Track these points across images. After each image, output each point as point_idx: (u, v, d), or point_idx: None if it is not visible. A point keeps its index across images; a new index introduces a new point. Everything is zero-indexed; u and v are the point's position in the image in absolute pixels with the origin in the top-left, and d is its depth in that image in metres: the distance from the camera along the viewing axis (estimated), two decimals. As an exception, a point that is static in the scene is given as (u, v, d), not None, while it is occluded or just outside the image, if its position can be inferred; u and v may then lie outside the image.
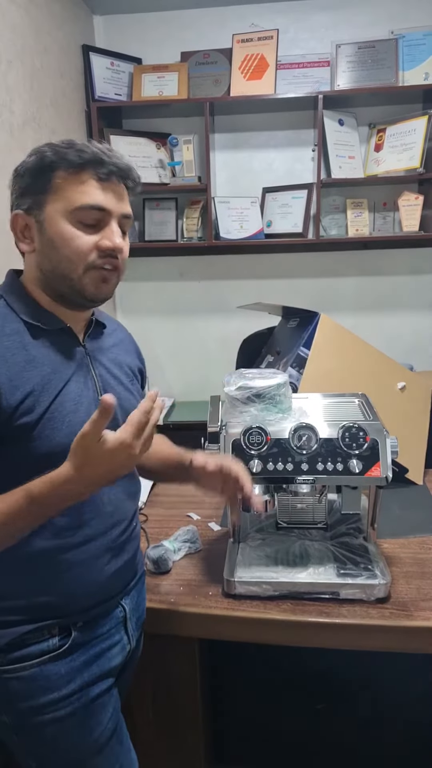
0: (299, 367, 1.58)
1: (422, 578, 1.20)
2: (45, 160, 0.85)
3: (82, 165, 0.85)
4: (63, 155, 0.85)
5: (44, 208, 0.86)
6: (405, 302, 2.80)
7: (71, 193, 0.85)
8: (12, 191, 0.89)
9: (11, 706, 0.91)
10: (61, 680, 0.91)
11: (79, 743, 0.94)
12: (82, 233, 0.86)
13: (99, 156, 0.86)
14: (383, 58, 2.47)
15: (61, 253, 0.86)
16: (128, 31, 2.65)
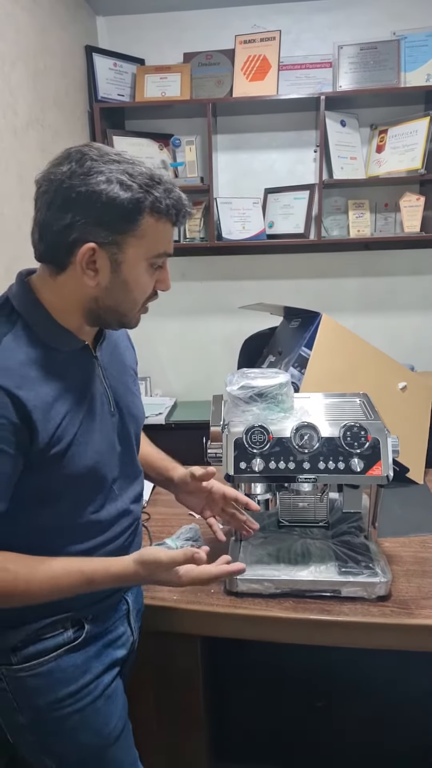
0: (301, 368, 1.58)
1: (423, 577, 1.21)
2: (137, 199, 0.80)
3: (168, 212, 0.83)
4: (155, 198, 0.81)
5: (125, 249, 0.82)
6: (406, 303, 2.80)
7: (154, 240, 0.83)
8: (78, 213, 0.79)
9: (29, 705, 0.91)
10: (78, 671, 0.93)
11: (97, 734, 0.96)
12: (149, 277, 0.87)
13: (182, 202, 0.85)
14: (385, 59, 2.48)
15: (131, 296, 0.86)
16: (131, 32, 2.66)
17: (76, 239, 0.80)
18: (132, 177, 0.80)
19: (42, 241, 0.83)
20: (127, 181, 0.79)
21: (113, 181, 0.79)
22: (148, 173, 0.82)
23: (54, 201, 0.80)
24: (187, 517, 1.49)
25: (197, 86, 2.59)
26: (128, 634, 1.03)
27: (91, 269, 0.82)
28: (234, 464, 1.12)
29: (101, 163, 0.80)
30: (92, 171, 0.79)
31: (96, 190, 0.78)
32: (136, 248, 0.83)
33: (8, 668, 0.90)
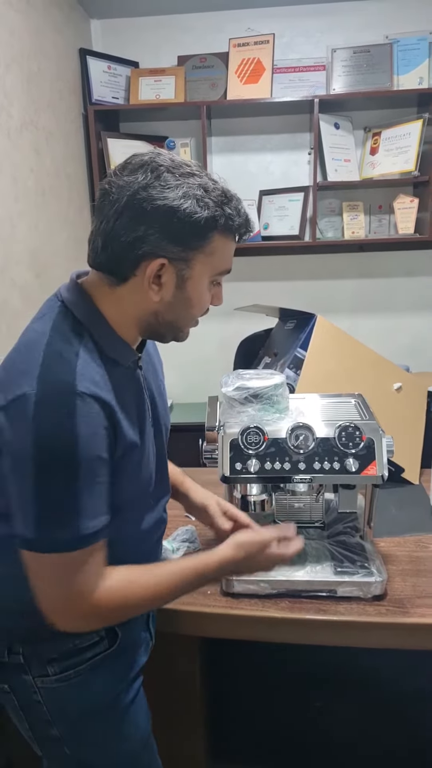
0: (296, 369, 1.59)
1: (418, 576, 1.22)
2: (213, 218, 0.78)
3: (238, 230, 0.84)
4: (228, 216, 0.80)
5: (193, 266, 0.81)
6: (401, 304, 2.82)
7: (221, 257, 0.83)
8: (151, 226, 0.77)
9: (64, 716, 0.91)
10: (112, 680, 0.93)
11: (130, 740, 0.96)
12: (209, 293, 0.87)
13: (249, 220, 0.85)
14: (378, 63, 2.50)
15: (191, 311, 0.87)
16: (125, 35, 2.67)
17: (146, 252, 0.78)
18: (207, 193, 0.79)
19: (105, 251, 0.80)
20: (204, 198, 0.78)
21: (191, 197, 0.77)
22: (221, 189, 0.81)
23: (125, 211, 0.77)
24: (184, 519, 1.50)
25: (191, 89, 2.60)
26: (148, 639, 1.04)
27: (155, 284, 0.81)
28: (230, 465, 1.12)
29: (177, 175, 0.78)
30: (169, 184, 0.77)
31: (173, 205, 0.76)
32: (204, 265, 0.82)
33: (44, 679, 0.89)
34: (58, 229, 2.22)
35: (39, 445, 0.73)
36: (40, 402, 0.73)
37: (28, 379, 0.74)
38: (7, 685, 0.91)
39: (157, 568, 0.88)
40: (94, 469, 0.77)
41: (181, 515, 1.50)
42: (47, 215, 2.14)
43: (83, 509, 0.76)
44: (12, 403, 0.74)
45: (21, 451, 0.74)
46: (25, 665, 0.88)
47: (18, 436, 0.74)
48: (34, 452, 0.73)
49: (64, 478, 0.74)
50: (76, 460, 0.74)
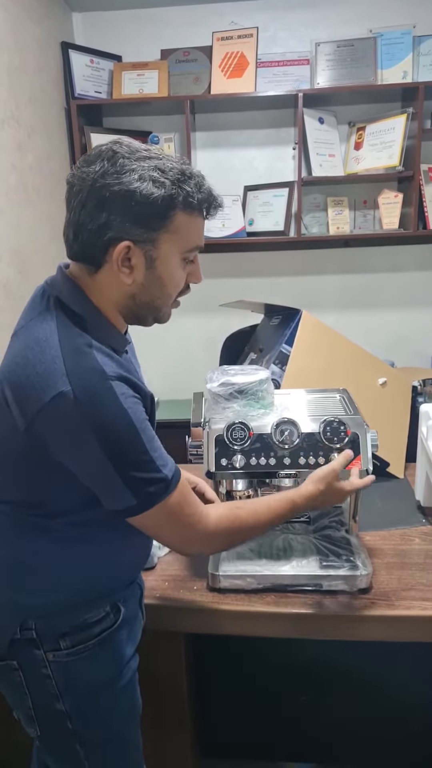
0: (282, 364, 1.59)
1: (403, 569, 1.23)
2: (170, 196, 0.81)
3: (200, 206, 0.85)
4: (187, 193, 0.83)
5: (159, 246, 0.84)
6: (386, 299, 2.83)
7: (187, 234, 0.86)
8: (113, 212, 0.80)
9: (72, 690, 0.93)
10: (116, 654, 0.96)
11: (128, 716, 1.00)
12: (182, 272, 0.89)
13: (213, 194, 0.87)
14: (362, 57, 2.50)
15: (165, 290, 0.89)
16: (107, 29, 2.64)
17: (112, 238, 0.82)
18: (164, 173, 0.81)
19: (76, 240, 0.84)
20: (160, 178, 0.81)
21: (146, 179, 0.80)
22: (179, 168, 0.83)
23: (88, 201, 0.81)
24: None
25: (175, 83, 2.58)
26: (140, 617, 1.06)
27: (126, 267, 0.84)
28: (215, 461, 1.12)
29: (132, 160, 0.81)
30: (125, 169, 0.80)
31: (130, 189, 0.80)
32: (170, 243, 0.85)
33: (56, 654, 0.91)
34: (41, 225, 2.20)
35: (99, 429, 0.79)
36: (81, 394, 0.79)
37: (59, 378, 0.79)
38: (15, 661, 0.93)
39: (256, 500, 1.05)
40: (147, 430, 0.84)
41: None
42: (30, 212, 2.12)
43: (158, 460, 0.85)
44: (51, 403, 0.79)
45: (84, 441, 0.80)
46: (37, 640, 0.91)
47: (73, 430, 0.80)
48: (98, 437, 0.79)
49: (133, 444, 0.82)
50: (133, 426, 0.81)
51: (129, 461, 0.82)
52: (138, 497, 0.84)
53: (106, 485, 0.84)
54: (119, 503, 0.84)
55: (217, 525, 0.93)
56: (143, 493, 0.84)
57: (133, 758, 1.04)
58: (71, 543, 0.91)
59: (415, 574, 1.21)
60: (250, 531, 0.99)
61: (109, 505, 0.86)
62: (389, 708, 1.40)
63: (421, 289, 2.80)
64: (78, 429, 0.79)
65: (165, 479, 0.85)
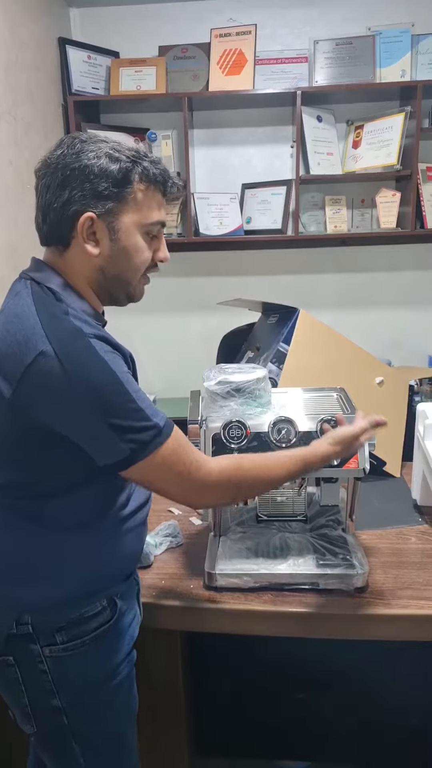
0: (279, 363, 1.59)
1: (399, 568, 1.23)
2: (126, 168, 0.87)
3: (156, 181, 0.91)
4: (144, 168, 0.89)
5: (120, 218, 0.89)
6: (383, 298, 2.83)
7: (147, 208, 0.91)
8: (74, 188, 0.86)
9: (68, 686, 0.93)
10: (113, 650, 0.96)
11: (124, 713, 1.00)
12: (147, 245, 0.93)
13: (168, 172, 0.92)
14: (360, 55, 2.49)
15: (131, 262, 0.92)
16: (105, 25, 2.63)
17: (76, 212, 0.87)
18: (119, 151, 0.88)
19: (45, 223, 0.90)
20: (115, 154, 0.87)
21: (102, 156, 0.87)
22: (135, 148, 0.90)
23: (52, 183, 0.88)
24: (166, 513, 1.49)
25: (173, 80, 2.57)
26: (137, 612, 1.07)
27: (92, 239, 0.89)
28: (212, 459, 1.11)
29: (90, 143, 0.88)
30: (83, 150, 0.87)
31: (88, 164, 0.86)
32: (130, 215, 0.89)
33: (52, 648, 0.91)
34: (38, 221, 2.18)
35: (83, 382, 0.81)
36: (62, 351, 0.81)
37: (39, 340, 0.82)
38: (11, 657, 0.93)
39: (264, 454, 1.03)
40: (131, 382, 0.86)
41: (163, 510, 1.50)
42: (27, 209, 2.11)
43: (147, 409, 0.86)
44: (33, 363, 0.81)
45: (68, 397, 0.81)
46: (34, 635, 0.91)
47: (58, 386, 0.81)
48: (83, 389, 0.81)
49: (118, 394, 0.83)
50: (116, 377, 0.83)
51: (117, 410, 0.83)
52: (130, 447, 0.84)
53: (96, 438, 0.84)
54: (112, 455, 0.84)
55: (221, 473, 0.92)
56: (135, 442, 0.84)
57: (129, 755, 1.04)
58: (66, 533, 0.92)
59: (411, 573, 1.21)
60: (256, 483, 0.98)
61: (102, 460, 0.85)
62: (386, 706, 1.40)
63: (419, 289, 2.80)
64: (63, 384, 0.81)
65: (156, 426, 0.86)
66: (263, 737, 1.50)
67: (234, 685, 1.44)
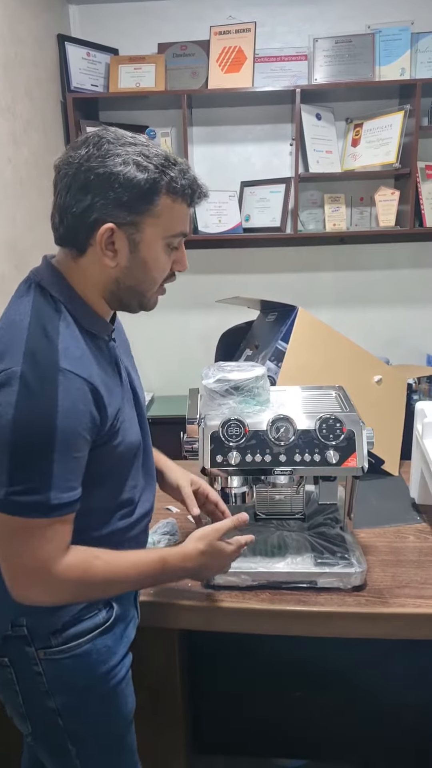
0: (277, 361, 1.59)
1: (397, 566, 1.23)
2: (153, 180, 0.82)
3: (184, 192, 0.86)
4: (171, 178, 0.83)
5: (142, 229, 0.84)
6: (381, 296, 2.83)
7: (170, 219, 0.86)
8: (97, 194, 0.81)
9: (63, 688, 0.92)
10: (109, 652, 0.95)
11: (120, 716, 0.99)
12: (167, 257, 0.90)
13: (197, 182, 0.88)
14: (360, 53, 2.49)
15: (150, 275, 0.89)
16: (104, 22, 2.62)
17: (96, 220, 0.82)
18: (148, 158, 0.82)
19: (62, 224, 0.86)
20: (144, 162, 0.82)
21: (130, 163, 0.81)
22: (164, 155, 0.84)
23: (73, 184, 0.83)
24: (164, 511, 1.49)
25: (172, 77, 2.57)
26: (135, 615, 1.06)
27: (110, 250, 0.85)
28: (210, 457, 1.11)
29: (117, 145, 0.82)
30: (109, 153, 0.81)
31: (114, 171, 0.81)
32: (154, 228, 0.85)
33: (46, 651, 0.91)
34: (37, 219, 2.18)
35: (19, 415, 0.77)
36: (25, 376, 0.78)
37: (15, 356, 0.79)
38: (7, 658, 0.92)
39: (125, 552, 0.92)
40: (72, 443, 0.80)
41: (161, 508, 1.50)
42: (26, 206, 2.10)
43: (55, 479, 0.79)
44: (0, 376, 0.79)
45: (2, 419, 0.78)
46: (29, 637, 0.90)
47: (2, 407, 0.78)
48: (14, 420, 0.77)
49: (41, 446, 0.78)
50: (54, 430, 0.78)
51: (26, 459, 0.77)
52: (8, 495, 0.78)
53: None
54: None
55: (65, 571, 0.83)
56: (15, 496, 0.78)
57: (126, 758, 1.03)
58: None
59: (409, 571, 1.21)
60: (107, 586, 0.90)
61: None
62: (383, 705, 1.40)
63: (417, 287, 2.80)
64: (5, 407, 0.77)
65: (47, 502, 0.79)
66: (260, 735, 1.50)
67: (231, 684, 1.44)
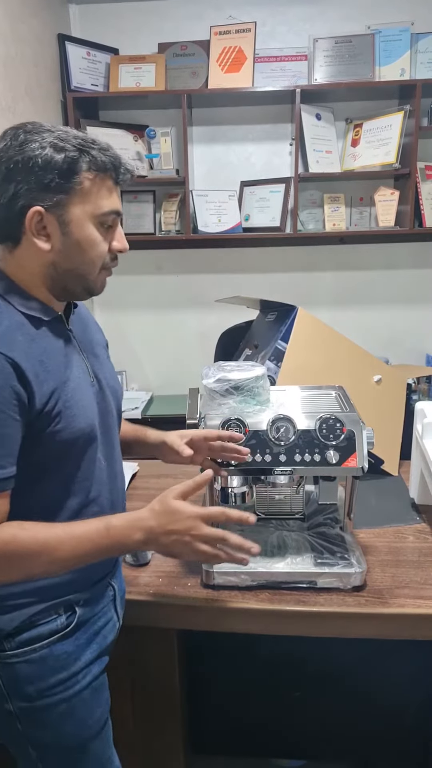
0: (277, 361, 1.59)
1: (397, 566, 1.23)
2: (72, 158, 0.82)
3: (106, 169, 0.86)
4: (92, 156, 0.84)
5: (69, 209, 0.84)
6: (381, 296, 2.83)
7: (96, 198, 0.86)
8: (20, 181, 0.82)
9: (19, 692, 0.91)
10: (70, 658, 0.93)
11: (81, 725, 0.96)
12: (101, 237, 0.89)
13: (120, 159, 0.87)
14: (360, 53, 2.49)
15: (87, 255, 0.88)
16: (104, 21, 2.62)
17: (23, 206, 0.83)
18: (65, 141, 0.83)
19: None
20: (60, 144, 0.83)
21: (46, 146, 0.82)
22: (82, 136, 0.85)
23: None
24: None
25: (172, 77, 2.57)
26: (114, 620, 1.03)
27: (42, 234, 0.85)
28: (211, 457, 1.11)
29: (34, 133, 0.83)
30: (26, 141, 0.83)
31: (32, 156, 0.82)
32: (81, 207, 0.85)
33: (0, 654, 0.89)
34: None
35: None
36: None
37: None
38: None
39: (62, 523, 0.87)
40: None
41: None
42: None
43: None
44: None
45: None
46: None
47: None
48: None
49: None
50: None
51: None
52: None
53: None
54: None
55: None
56: None
57: (94, 766, 0.99)
58: None
59: (409, 571, 1.21)
60: (37, 558, 0.83)
61: None
62: (382, 705, 1.40)
63: (416, 287, 2.80)
64: None
65: None
66: (259, 736, 1.50)
67: (230, 684, 1.44)
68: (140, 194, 2.70)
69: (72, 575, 0.91)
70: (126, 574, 1.21)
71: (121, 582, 1.10)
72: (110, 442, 1.00)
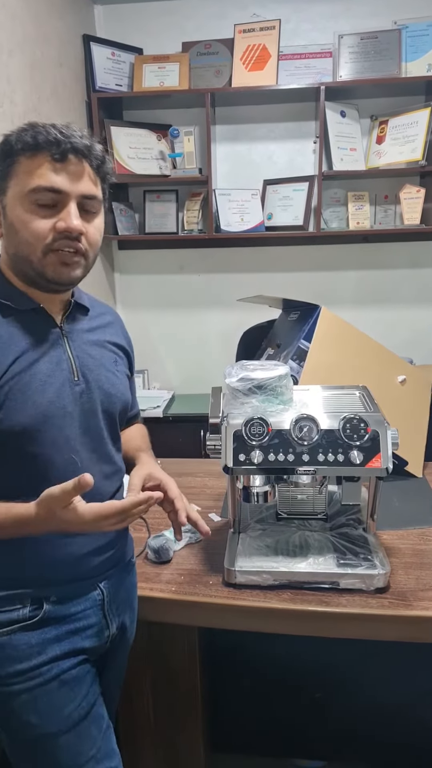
0: (300, 360, 1.58)
1: (421, 569, 1.21)
2: (7, 145, 0.87)
3: (38, 147, 0.85)
4: (21, 138, 0.86)
5: (7, 193, 0.88)
6: (405, 296, 2.80)
7: (25, 176, 0.86)
8: None
9: None
10: (31, 651, 0.92)
11: (47, 717, 0.94)
12: (38, 216, 0.86)
13: (54, 136, 0.86)
14: (386, 49, 2.46)
15: (20, 236, 0.87)
16: (129, 21, 2.64)
17: None
18: (17, 130, 0.87)
19: None
20: (9, 134, 0.87)
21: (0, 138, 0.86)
22: (33, 123, 0.88)
23: None
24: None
25: (196, 76, 2.57)
26: (102, 625, 1.00)
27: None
28: (233, 456, 1.11)
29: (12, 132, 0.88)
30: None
31: None
32: (14, 188, 0.87)
33: None
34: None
35: None
36: None
37: None
38: None
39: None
40: None
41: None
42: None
43: None
44: None
45: None
46: None
47: None
48: None
49: None
50: None
51: None
52: None
53: None
54: None
55: None
56: None
57: (64, 761, 0.96)
58: None
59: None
60: None
61: None
62: (402, 708, 1.39)
63: (442, 286, 2.76)
64: None
65: None
66: (279, 735, 1.49)
67: (251, 683, 1.44)
68: (163, 194, 2.71)
69: (37, 571, 0.92)
70: (147, 571, 1.21)
71: (123, 587, 1.06)
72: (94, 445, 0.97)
